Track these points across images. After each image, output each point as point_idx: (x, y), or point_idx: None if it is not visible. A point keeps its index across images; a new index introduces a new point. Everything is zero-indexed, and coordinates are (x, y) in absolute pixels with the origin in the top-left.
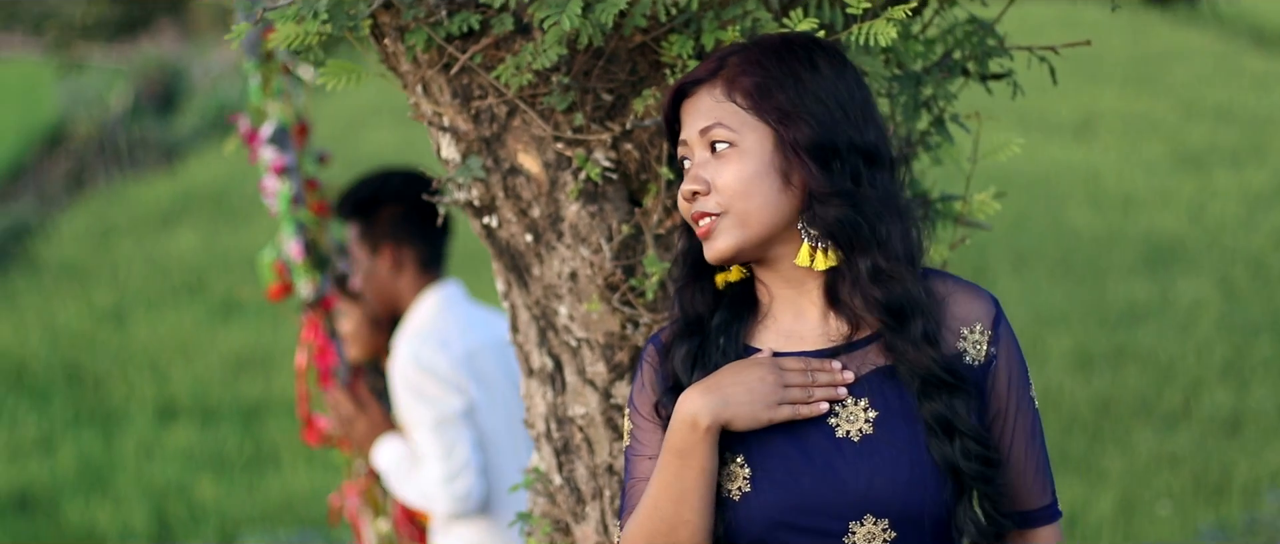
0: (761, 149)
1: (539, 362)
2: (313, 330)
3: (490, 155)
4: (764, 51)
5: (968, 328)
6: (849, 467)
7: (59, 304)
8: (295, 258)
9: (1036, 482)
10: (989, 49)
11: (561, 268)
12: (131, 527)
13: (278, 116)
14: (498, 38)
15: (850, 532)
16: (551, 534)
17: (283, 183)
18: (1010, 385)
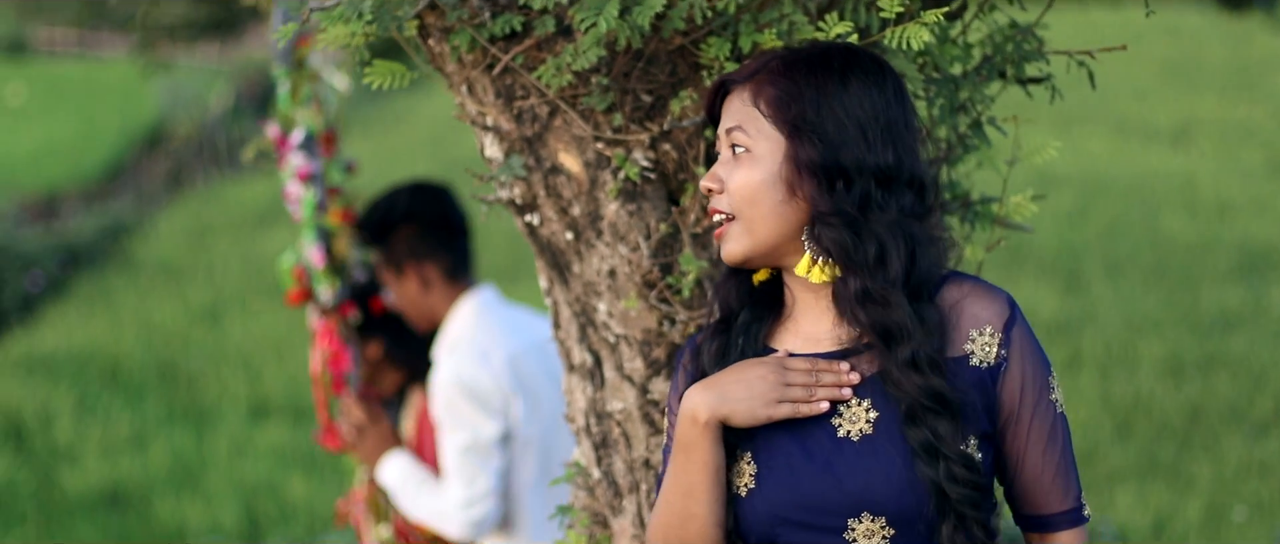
0: (772, 159)
1: (579, 357)
2: (328, 336)
3: (532, 154)
4: (800, 61)
5: (977, 330)
6: (848, 466)
7: (154, 303)
8: (316, 264)
9: (1055, 485)
10: (1025, 53)
11: (600, 265)
12: (221, 524)
13: (306, 124)
14: (540, 39)
15: (849, 528)
16: (590, 527)
17: (307, 190)
18: (1023, 388)
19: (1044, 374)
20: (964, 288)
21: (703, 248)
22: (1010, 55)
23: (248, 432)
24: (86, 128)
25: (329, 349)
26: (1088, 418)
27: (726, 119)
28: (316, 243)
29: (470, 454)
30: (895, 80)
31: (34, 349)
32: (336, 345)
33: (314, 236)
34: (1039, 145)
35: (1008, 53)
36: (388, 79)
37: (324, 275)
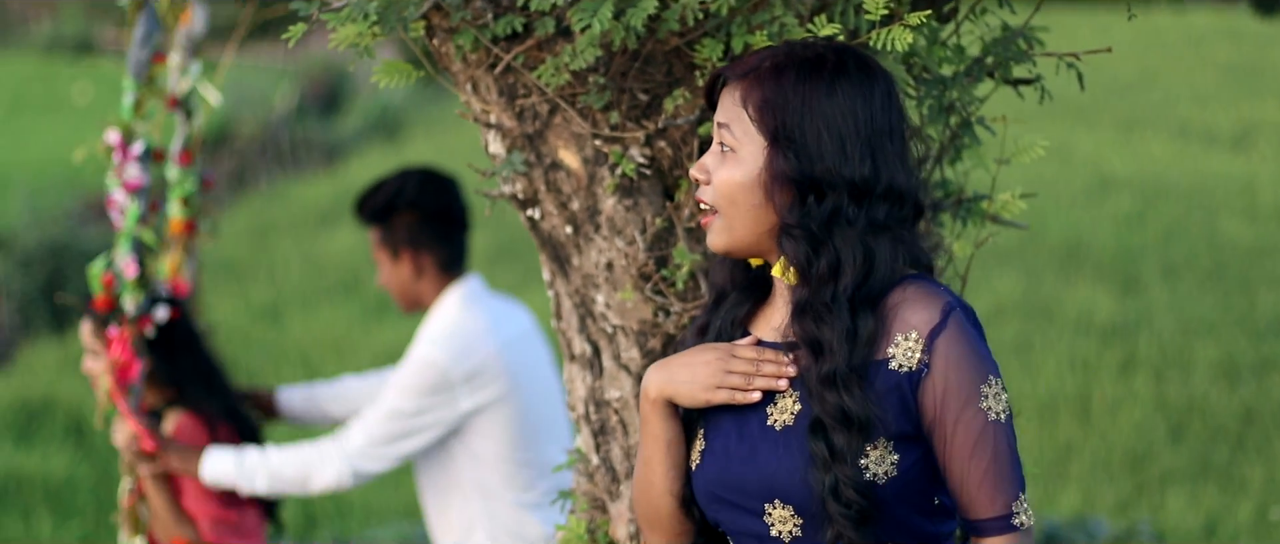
0: (754, 162)
1: (579, 347)
2: (122, 345)
3: (533, 151)
4: (792, 65)
5: (903, 335)
6: (767, 453)
7: (216, 301)
8: (127, 274)
9: (983, 492)
10: (1013, 54)
11: (599, 258)
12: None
13: (146, 138)
14: (540, 40)
15: (766, 512)
16: (590, 511)
17: (133, 201)
18: (945, 396)
19: (973, 382)
20: (908, 292)
21: (697, 241)
22: (999, 57)
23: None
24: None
25: (121, 358)
26: (1141, 420)
27: (719, 113)
28: (131, 254)
29: (397, 421)
30: (886, 84)
31: None
32: (128, 356)
33: (129, 248)
34: (1027, 144)
35: (997, 54)
36: (395, 79)
37: (132, 286)
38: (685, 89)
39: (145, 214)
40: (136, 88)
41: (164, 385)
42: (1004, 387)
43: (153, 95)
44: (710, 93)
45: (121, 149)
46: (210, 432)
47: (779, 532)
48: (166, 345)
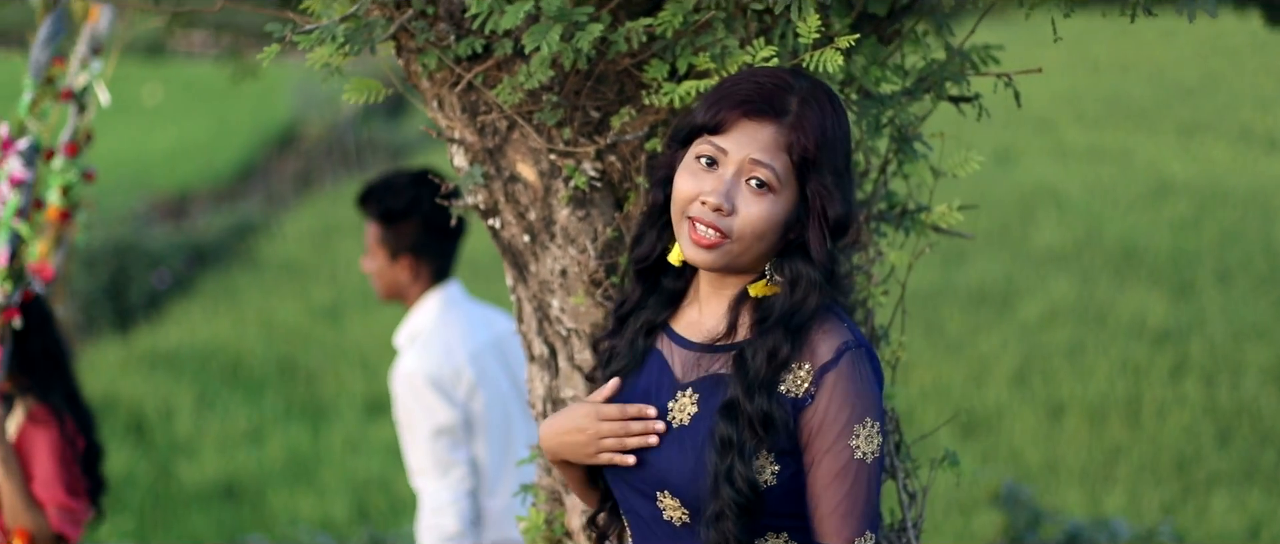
0: (786, 206)
1: (538, 349)
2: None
3: (493, 164)
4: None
5: (798, 364)
6: (664, 447)
7: (278, 301)
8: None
9: (833, 520)
10: (948, 73)
11: (554, 265)
12: (332, 517)
13: (34, 135)
14: (499, 60)
15: (658, 499)
16: (549, 503)
17: (15, 194)
18: (822, 425)
19: (849, 420)
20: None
21: None
22: (934, 77)
23: (362, 428)
24: (220, 128)
25: None
26: (1190, 423)
27: (750, 147)
28: (5, 245)
29: (440, 438)
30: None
31: (158, 345)
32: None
33: (6, 238)
34: (962, 158)
35: (934, 75)
36: (365, 95)
37: (3, 276)
38: (631, 107)
39: (26, 208)
40: (34, 87)
41: (13, 371)
42: (882, 430)
43: (49, 95)
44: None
45: (6, 144)
46: (59, 423)
47: (671, 517)
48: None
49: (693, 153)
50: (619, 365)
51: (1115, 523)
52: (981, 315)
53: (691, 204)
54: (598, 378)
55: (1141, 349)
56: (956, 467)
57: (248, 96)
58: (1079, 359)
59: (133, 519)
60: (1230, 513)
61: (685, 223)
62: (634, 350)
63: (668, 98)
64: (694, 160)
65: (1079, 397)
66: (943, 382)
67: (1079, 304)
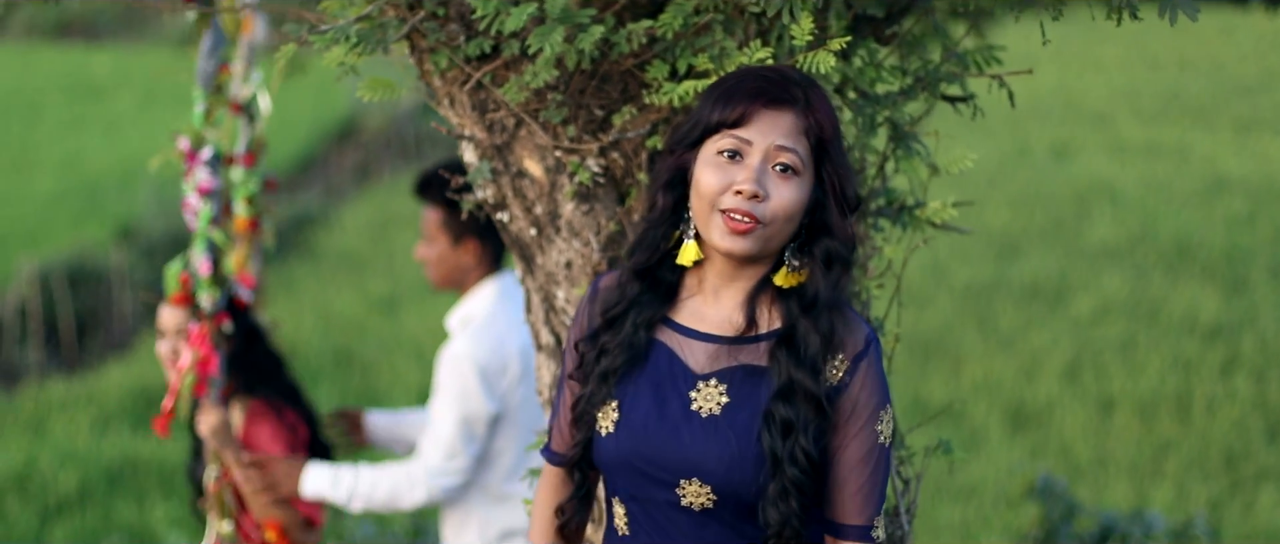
0: (808, 189)
1: (546, 338)
2: (201, 340)
3: (501, 160)
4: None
5: (833, 355)
6: (692, 436)
7: (334, 292)
8: (202, 273)
9: (854, 501)
10: (943, 74)
11: (559, 257)
12: None
13: (215, 144)
14: (507, 60)
15: (680, 486)
16: None
17: (206, 204)
18: (854, 412)
19: (876, 407)
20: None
21: None
22: (929, 77)
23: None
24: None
25: (201, 352)
26: (1239, 419)
27: (775, 134)
28: (206, 254)
29: (463, 427)
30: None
31: None
32: (207, 350)
33: (204, 247)
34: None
35: (928, 75)
36: (379, 93)
37: (207, 284)
38: (632, 106)
39: (217, 215)
40: (205, 97)
41: (234, 370)
42: (894, 416)
43: (220, 103)
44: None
45: (191, 156)
46: (278, 416)
47: (691, 502)
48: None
49: (712, 149)
50: (614, 361)
51: (1151, 516)
52: (1034, 310)
53: (722, 196)
54: (577, 378)
55: (1193, 345)
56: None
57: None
58: (1130, 354)
59: (186, 507)
60: (1277, 508)
61: (716, 215)
62: (634, 345)
63: (667, 97)
64: (715, 155)
65: (1130, 392)
66: (994, 376)
67: (1131, 300)
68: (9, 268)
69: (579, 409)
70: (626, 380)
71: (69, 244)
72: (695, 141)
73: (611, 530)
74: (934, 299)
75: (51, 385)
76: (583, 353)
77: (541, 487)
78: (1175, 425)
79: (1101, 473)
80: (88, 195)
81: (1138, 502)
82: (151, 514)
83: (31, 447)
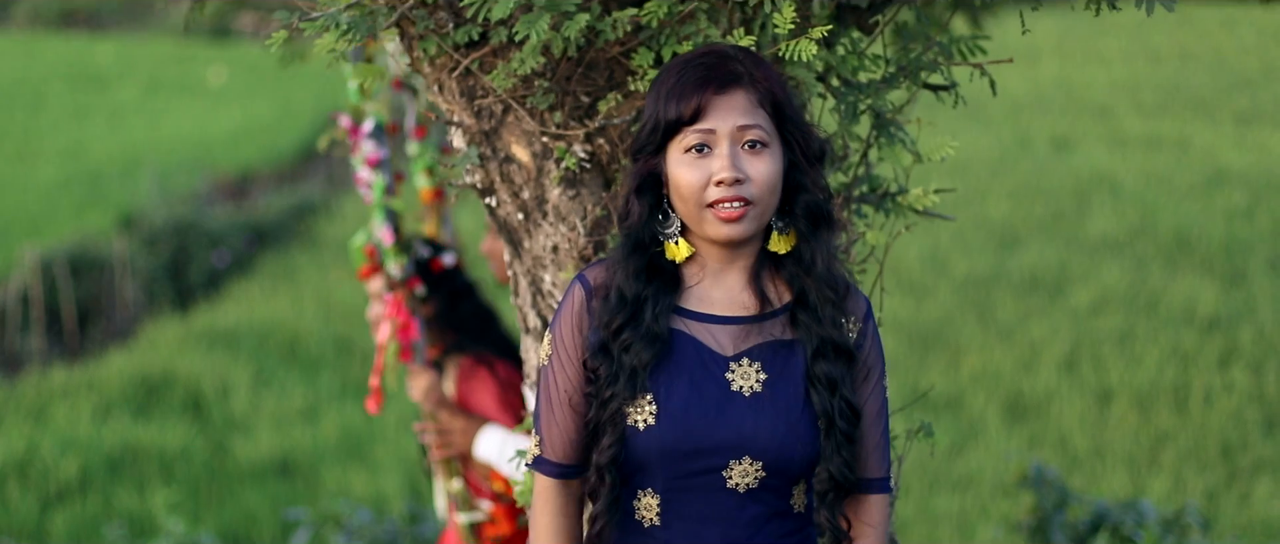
0: (779, 156)
1: (532, 321)
2: (397, 308)
3: (489, 146)
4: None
5: (846, 316)
6: (740, 415)
7: (335, 281)
8: (386, 242)
9: (875, 456)
10: (924, 63)
11: (546, 242)
12: (384, 494)
13: (376, 115)
14: (495, 47)
15: (728, 467)
16: None
17: (377, 175)
18: (868, 370)
19: (882, 364)
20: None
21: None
22: (910, 65)
23: (416, 408)
24: (282, 110)
25: (399, 320)
26: (1236, 411)
27: (733, 117)
28: (386, 223)
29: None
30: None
31: (217, 323)
32: (405, 316)
33: (383, 217)
34: (939, 144)
35: (909, 63)
36: (370, 79)
37: (393, 252)
38: (618, 93)
39: (391, 185)
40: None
41: (443, 330)
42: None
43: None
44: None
45: (353, 130)
46: (490, 371)
47: (736, 483)
48: (448, 292)
49: (679, 149)
50: (642, 356)
51: (1143, 505)
52: (1033, 301)
53: (705, 190)
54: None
55: (1191, 336)
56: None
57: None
58: (1129, 346)
59: (188, 494)
60: (1274, 500)
61: (704, 211)
62: (658, 336)
63: None
64: (684, 153)
65: (1128, 383)
66: (993, 366)
67: (1130, 291)
68: (11, 256)
69: (609, 411)
70: (657, 372)
71: (71, 233)
72: (658, 147)
73: (634, 525)
74: (934, 290)
75: (53, 373)
76: (595, 367)
77: (542, 507)
78: (1173, 417)
79: (1099, 463)
80: (90, 184)
81: (1135, 492)
82: (152, 501)
83: (33, 434)
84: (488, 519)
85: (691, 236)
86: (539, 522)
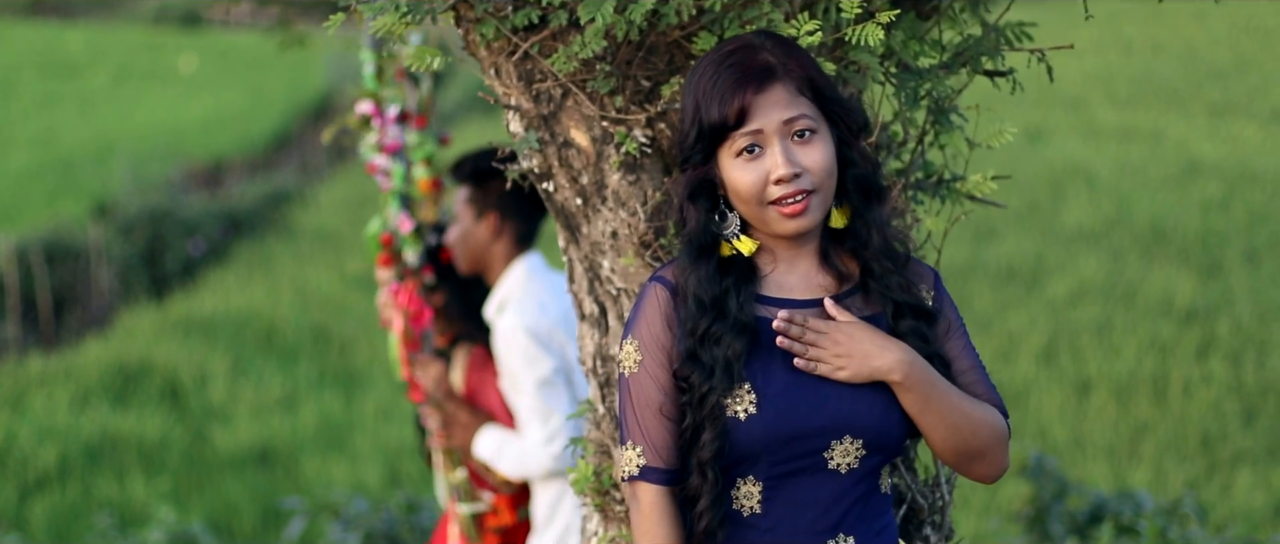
0: (829, 139)
1: (589, 307)
2: (409, 296)
3: (547, 130)
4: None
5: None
6: (840, 396)
7: (311, 270)
8: (403, 230)
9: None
10: (984, 49)
11: (605, 227)
12: (365, 483)
13: (398, 101)
14: (554, 30)
15: (830, 448)
16: (597, 456)
17: (396, 162)
18: (951, 328)
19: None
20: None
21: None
22: (971, 51)
23: (395, 396)
24: (255, 98)
25: (411, 309)
26: (1216, 401)
27: (777, 112)
28: (402, 211)
29: (544, 388)
30: None
31: (193, 312)
32: (417, 305)
33: (400, 205)
34: (996, 130)
35: (970, 49)
36: (425, 62)
37: (410, 240)
38: (682, 77)
39: (407, 173)
40: (375, 57)
41: (454, 320)
42: None
43: (391, 61)
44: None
45: (378, 115)
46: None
47: (837, 464)
48: (458, 281)
49: (729, 153)
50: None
51: (1140, 495)
52: (1011, 292)
53: (765, 190)
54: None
55: (1169, 327)
56: None
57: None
58: (1107, 337)
59: (169, 483)
60: (1254, 490)
61: (767, 209)
62: (747, 326)
63: None
64: (736, 157)
65: (1106, 374)
66: None
67: (1107, 282)
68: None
69: (708, 406)
70: (751, 361)
71: (45, 220)
72: (706, 155)
73: (734, 515)
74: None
75: (30, 361)
76: (687, 376)
77: (656, 517)
78: (1152, 407)
79: (1079, 454)
80: (63, 172)
81: (1116, 483)
82: (132, 490)
83: (10, 423)
84: (489, 510)
85: (755, 232)
86: (654, 533)
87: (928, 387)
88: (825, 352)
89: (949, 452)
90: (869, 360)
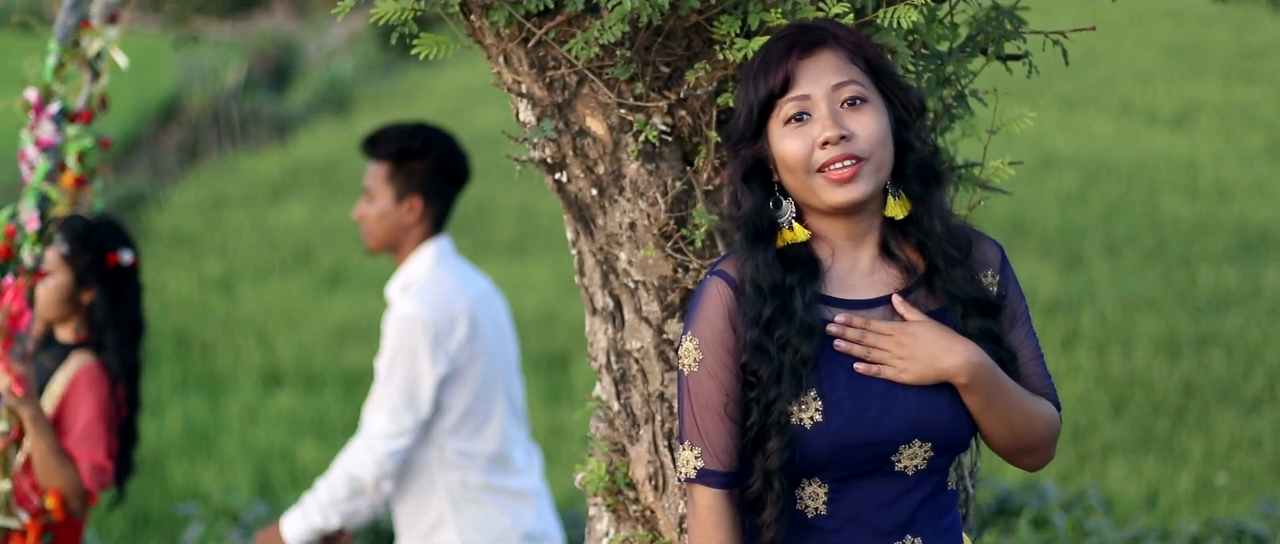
0: (883, 110)
1: (602, 301)
2: (15, 295)
3: (561, 119)
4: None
5: (983, 270)
6: (907, 399)
7: (170, 273)
8: (29, 227)
9: (1045, 382)
10: (1004, 32)
11: (622, 219)
12: (234, 487)
13: (63, 99)
14: (570, 16)
15: (898, 452)
16: (609, 455)
17: (43, 158)
18: (1016, 315)
19: (1026, 308)
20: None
21: (714, 204)
22: (991, 34)
23: (261, 399)
24: None
25: (13, 308)
26: (1084, 393)
27: (826, 77)
28: (35, 208)
29: (408, 392)
30: None
31: None
32: (20, 306)
33: (35, 201)
34: (1016, 115)
35: (990, 32)
36: (434, 50)
37: (32, 239)
38: (705, 62)
39: (53, 171)
40: (60, 51)
41: (93, 326)
42: None
43: (75, 58)
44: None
45: (38, 108)
46: (110, 388)
47: (904, 466)
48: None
49: (778, 123)
50: (803, 351)
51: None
52: None
53: (812, 155)
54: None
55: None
56: None
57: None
58: None
59: None
60: (1128, 480)
61: (815, 177)
62: (812, 327)
63: (742, 52)
64: (784, 125)
65: None
66: None
67: None
68: None
69: (775, 413)
70: (816, 366)
71: None
72: (758, 128)
73: (798, 516)
74: None
75: None
76: (755, 369)
77: (714, 522)
78: None
79: None
80: None
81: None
82: None
83: None
84: (19, 531)
85: (810, 219)
86: (712, 537)
87: (992, 387)
88: (888, 354)
89: (1002, 445)
90: (935, 362)
